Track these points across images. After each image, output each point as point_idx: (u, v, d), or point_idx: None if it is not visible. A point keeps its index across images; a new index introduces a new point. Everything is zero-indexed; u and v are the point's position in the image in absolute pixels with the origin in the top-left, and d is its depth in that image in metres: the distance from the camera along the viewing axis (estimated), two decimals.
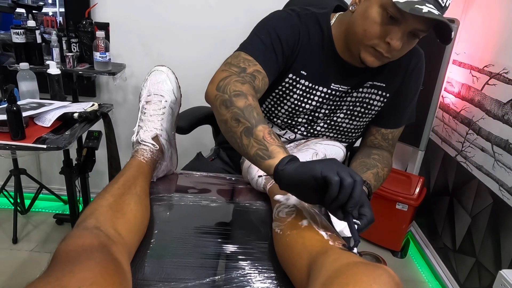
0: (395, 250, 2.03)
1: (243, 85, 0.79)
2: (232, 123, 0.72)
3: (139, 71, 1.90)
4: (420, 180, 1.90)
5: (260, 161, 0.68)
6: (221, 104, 0.76)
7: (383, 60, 0.87)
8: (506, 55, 1.48)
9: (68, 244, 0.56)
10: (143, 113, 0.94)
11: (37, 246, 1.84)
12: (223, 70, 0.84)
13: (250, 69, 0.85)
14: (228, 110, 0.74)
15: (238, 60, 0.86)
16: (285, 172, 0.64)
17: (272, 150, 0.67)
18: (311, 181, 0.61)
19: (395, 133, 1.07)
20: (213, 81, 0.82)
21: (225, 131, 0.76)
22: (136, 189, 0.77)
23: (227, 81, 0.79)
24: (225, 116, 0.74)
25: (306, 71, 0.96)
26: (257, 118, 0.72)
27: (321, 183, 0.60)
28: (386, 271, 0.51)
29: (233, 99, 0.75)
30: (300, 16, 0.94)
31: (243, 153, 0.72)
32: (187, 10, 1.81)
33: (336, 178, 0.59)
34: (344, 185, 0.59)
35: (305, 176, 0.61)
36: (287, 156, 0.66)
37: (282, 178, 0.64)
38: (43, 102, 1.37)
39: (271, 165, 0.66)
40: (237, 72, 0.83)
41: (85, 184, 1.74)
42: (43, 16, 1.75)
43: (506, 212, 1.39)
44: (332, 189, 0.59)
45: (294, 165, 0.64)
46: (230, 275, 0.69)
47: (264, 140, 0.69)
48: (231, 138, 0.74)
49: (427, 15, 0.73)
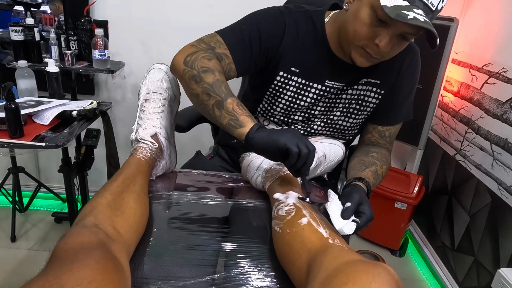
0: (393, 249, 2.03)
1: (209, 61, 0.85)
2: (204, 97, 0.81)
3: (138, 69, 1.90)
4: (419, 179, 1.91)
5: (233, 130, 0.78)
6: (191, 79, 0.83)
7: (372, 61, 0.88)
8: (506, 54, 1.48)
9: (67, 242, 0.56)
10: (142, 111, 0.94)
11: (35, 245, 1.83)
12: (192, 45, 0.89)
13: (219, 50, 0.90)
14: (198, 85, 0.81)
15: (211, 39, 0.91)
16: (254, 139, 0.75)
17: (242, 120, 0.77)
18: (276, 149, 0.73)
19: (392, 130, 1.07)
20: (180, 54, 0.87)
21: (196, 103, 0.85)
22: (135, 187, 0.76)
23: (194, 57, 0.84)
24: (196, 91, 0.82)
25: (298, 68, 0.97)
26: (225, 92, 0.80)
27: (284, 151, 0.73)
28: (385, 269, 0.51)
29: (201, 75, 0.81)
30: (292, 13, 0.95)
31: (216, 122, 0.81)
32: (186, 8, 1.81)
33: (295, 149, 0.72)
34: (301, 155, 0.72)
35: (271, 145, 0.74)
36: (256, 124, 0.77)
37: (253, 144, 0.76)
38: (41, 100, 1.37)
39: (242, 133, 0.77)
40: (204, 49, 0.88)
41: (84, 183, 1.74)
42: (42, 14, 1.75)
43: (505, 211, 1.40)
44: (292, 158, 0.72)
45: (263, 133, 0.75)
46: (230, 273, 0.69)
47: (233, 111, 0.78)
48: (204, 109, 0.83)
49: (411, 22, 0.73)
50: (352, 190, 0.84)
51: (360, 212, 0.81)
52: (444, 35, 1.68)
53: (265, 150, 0.76)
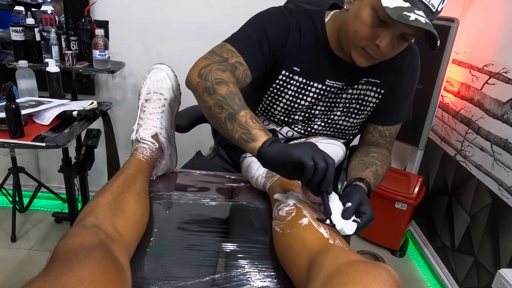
0: (394, 249, 2.03)
1: (224, 73, 0.82)
2: (216, 109, 0.78)
3: (138, 69, 1.90)
4: (419, 179, 1.91)
5: (245, 144, 0.74)
6: (204, 91, 0.80)
7: (372, 61, 0.89)
8: (506, 55, 1.48)
9: (67, 242, 0.56)
10: (143, 111, 0.94)
11: (35, 245, 1.83)
12: (205, 58, 0.87)
13: (232, 60, 0.88)
14: (211, 97, 0.78)
15: (222, 50, 0.89)
16: (267, 154, 0.71)
17: (255, 133, 0.73)
18: (290, 164, 0.68)
19: (392, 130, 1.07)
20: (195, 68, 0.85)
21: (209, 116, 0.81)
22: (136, 188, 0.76)
23: (209, 69, 0.82)
24: (208, 103, 0.79)
25: (299, 67, 0.97)
26: (239, 104, 0.77)
27: (298, 166, 0.67)
28: (386, 270, 0.51)
29: (215, 86, 0.79)
30: (293, 13, 0.95)
31: (228, 136, 0.78)
32: (186, 8, 1.81)
33: (311, 163, 0.66)
34: (318, 169, 0.67)
35: (284, 159, 0.69)
36: (269, 139, 0.72)
37: (265, 159, 0.71)
38: (42, 100, 1.37)
39: (254, 147, 0.72)
40: (218, 61, 0.86)
41: (84, 183, 1.74)
42: (42, 14, 1.75)
43: (505, 211, 1.40)
44: (307, 173, 0.67)
45: (276, 147, 0.70)
46: (230, 273, 0.69)
47: (246, 124, 0.75)
48: (216, 123, 0.80)
49: (413, 23, 0.73)
50: (353, 190, 0.84)
51: (361, 212, 0.81)
52: (444, 35, 1.68)
53: (278, 165, 0.71)
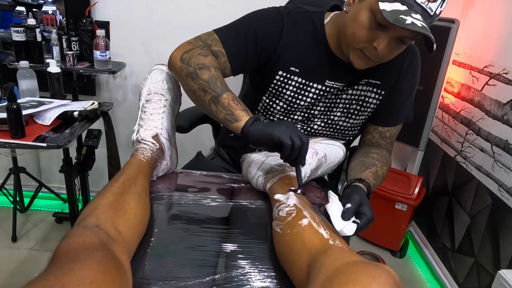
0: (394, 250, 2.03)
1: (205, 58, 0.86)
2: (200, 93, 0.83)
3: (139, 70, 1.90)
4: (420, 180, 1.91)
5: (229, 124, 0.80)
6: (187, 76, 0.85)
7: (370, 64, 0.89)
8: (506, 56, 1.48)
9: (68, 243, 0.56)
10: (143, 112, 0.94)
11: (36, 245, 1.84)
12: (189, 43, 0.91)
13: (215, 48, 0.92)
14: (195, 82, 0.83)
15: (208, 37, 0.93)
16: (249, 132, 0.78)
17: (237, 114, 0.80)
18: (271, 142, 0.76)
19: (393, 131, 1.07)
20: (178, 51, 0.89)
21: (193, 99, 0.87)
22: (136, 188, 0.77)
23: (190, 54, 0.86)
24: (192, 87, 0.84)
25: (298, 68, 0.97)
26: (221, 88, 0.82)
27: (278, 144, 0.76)
28: (385, 270, 0.51)
29: (197, 71, 0.84)
30: (291, 13, 0.96)
31: (213, 117, 0.84)
32: (187, 9, 1.81)
33: (289, 142, 0.74)
34: (295, 147, 0.75)
35: (265, 138, 0.76)
36: (251, 118, 0.79)
37: (248, 137, 0.78)
38: (43, 101, 1.37)
39: (238, 126, 0.79)
40: (200, 46, 0.90)
41: (85, 183, 1.74)
42: (43, 14, 1.75)
43: (505, 212, 1.40)
44: (286, 150, 0.75)
45: (258, 126, 0.78)
46: (230, 274, 0.69)
47: (229, 106, 0.80)
48: (201, 105, 0.85)
49: (409, 27, 0.74)
50: (353, 191, 0.85)
51: (361, 213, 0.81)
52: (444, 36, 1.69)
53: (260, 143, 0.78)
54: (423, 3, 0.76)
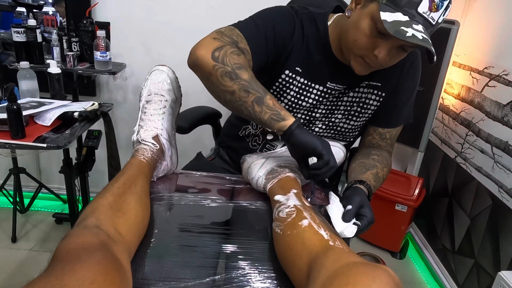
0: (394, 251, 2.03)
1: (239, 57, 0.82)
2: (242, 93, 0.80)
3: (139, 71, 1.90)
4: (420, 181, 1.91)
5: (274, 123, 0.80)
6: (224, 76, 0.80)
7: (370, 70, 0.89)
8: (506, 57, 1.48)
9: (68, 243, 0.56)
10: (144, 113, 0.94)
11: (36, 245, 1.83)
12: (215, 38, 0.84)
13: (241, 45, 0.87)
14: (234, 82, 0.79)
15: (231, 32, 0.88)
16: (295, 132, 0.78)
17: (284, 114, 0.80)
18: (310, 149, 0.78)
19: (393, 133, 1.07)
20: (205, 47, 0.82)
21: (229, 100, 0.82)
22: (137, 189, 0.76)
23: (223, 52, 0.81)
24: (231, 87, 0.80)
25: (301, 68, 0.97)
26: (263, 88, 0.81)
27: (314, 154, 0.79)
28: (385, 271, 0.51)
29: (236, 71, 0.80)
30: (298, 13, 0.96)
31: (254, 117, 0.81)
32: (187, 10, 1.81)
33: (327, 158, 0.78)
34: (329, 165, 0.78)
35: (308, 144, 0.78)
36: (297, 120, 0.80)
37: (293, 137, 0.78)
38: (43, 101, 1.37)
39: (285, 125, 0.79)
40: (229, 43, 0.85)
41: (85, 184, 1.74)
42: (43, 15, 1.75)
43: (506, 213, 1.40)
44: (320, 164, 0.78)
45: (303, 131, 0.79)
46: (230, 274, 0.69)
47: (274, 106, 0.80)
48: (240, 106, 0.81)
49: (410, 40, 0.74)
50: (353, 193, 0.84)
51: (361, 215, 0.81)
52: (445, 37, 1.69)
53: (300, 146, 0.79)
54: (425, 13, 0.76)
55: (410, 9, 0.76)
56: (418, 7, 0.76)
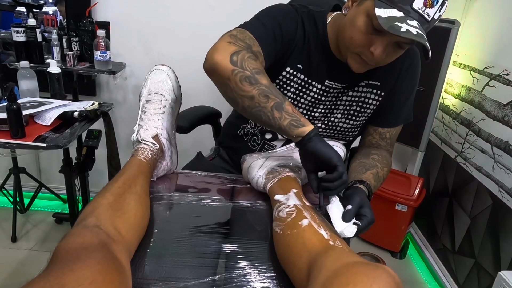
0: (394, 251, 2.03)
1: (256, 62, 0.81)
2: (261, 99, 0.78)
3: (139, 70, 1.90)
4: (420, 181, 1.90)
5: (294, 129, 0.78)
6: (243, 81, 0.79)
7: (368, 68, 0.89)
8: (507, 57, 1.48)
9: (68, 243, 0.56)
10: (144, 112, 0.94)
11: (36, 245, 1.83)
12: (230, 42, 0.83)
13: (255, 48, 0.86)
14: (254, 87, 0.78)
15: (244, 36, 0.86)
16: (313, 139, 0.77)
17: (304, 120, 0.79)
18: (325, 159, 0.77)
19: (393, 132, 1.07)
20: (222, 51, 0.80)
21: (249, 106, 0.80)
22: (136, 188, 0.76)
23: (241, 57, 0.79)
24: (250, 92, 0.79)
25: (302, 65, 0.98)
26: (282, 95, 0.80)
27: (328, 165, 0.77)
28: (386, 271, 0.51)
29: (256, 76, 0.79)
30: (298, 12, 0.96)
31: (273, 124, 0.79)
32: (187, 9, 1.81)
33: (342, 170, 0.77)
34: (342, 178, 0.77)
35: (324, 154, 0.77)
36: (316, 128, 0.79)
37: (308, 143, 0.77)
38: (43, 101, 1.37)
39: (304, 131, 0.78)
40: (244, 47, 0.83)
41: (85, 183, 1.74)
42: (43, 14, 1.75)
43: (506, 213, 1.40)
44: (333, 176, 0.77)
45: (321, 139, 0.78)
46: (230, 274, 0.69)
47: (294, 112, 0.79)
48: (259, 112, 0.80)
49: (404, 35, 0.74)
50: (353, 193, 0.84)
51: (361, 215, 0.81)
52: (445, 37, 1.69)
53: (316, 155, 0.77)
54: (420, 9, 0.76)
55: (405, 5, 0.76)
56: (413, 3, 0.76)
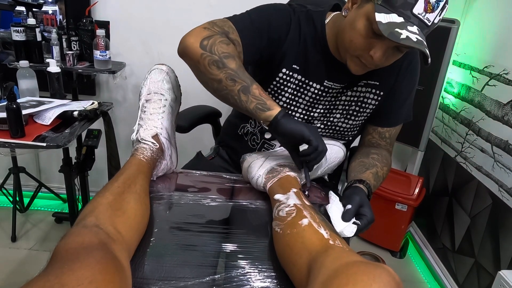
0: (394, 250, 2.03)
1: (228, 46, 0.83)
2: (228, 82, 0.81)
3: (139, 70, 1.90)
4: (420, 181, 1.90)
5: (260, 113, 0.80)
6: (211, 64, 0.81)
7: (367, 70, 0.89)
8: (506, 56, 1.48)
9: (67, 242, 0.56)
10: (143, 112, 0.94)
11: (36, 245, 1.83)
12: (205, 28, 0.86)
13: (232, 36, 0.88)
14: (221, 71, 0.81)
15: (223, 24, 0.89)
16: (281, 122, 0.79)
17: (270, 103, 0.81)
18: (298, 136, 0.79)
19: (392, 132, 1.07)
20: (194, 36, 0.84)
21: (217, 88, 0.83)
22: (136, 188, 0.76)
23: (212, 41, 0.82)
24: (218, 76, 0.81)
25: (299, 65, 0.97)
26: (250, 78, 0.82)
27: (303, 141, 0.80)
28: (386, 270, 0.51)
29: (224, 60, 0.81)
30: (296, 12, 0.96)
31: (240, 107, 0.82)
32: (187, 9, 1.81)
33: (316, 143, 0.79)
34: (318, 150, 0.80)
35: (296, 132, 0.79)
36: (283, 110, 0.80)
37: (279, 126, 0.79)
38: (43, 100, 1.37)
39: (271, 115, 0.80)
40: (219, 32, 0.86)
41: (85, 183, 1.74)
42: (43, 14, 1.75)
43: (506, 212, 1.40)
44: (309, 149, 0.80)
45: (290, 119, 0.80)
46: (230, 274, 0.69)
47: (260, 96, 0.81)
48: (226, 94, 0.83)
49: (404, 42, 0.73)
50: (353, 192, 0.84)
51: (361, 214, 0.81)
52: (445, 36, 1.68)
53: (287, 135, 0.80)
54: (421, 14, 0.76)
55: (405, 10, 0.76)
56: (413, 8, 0.75)
